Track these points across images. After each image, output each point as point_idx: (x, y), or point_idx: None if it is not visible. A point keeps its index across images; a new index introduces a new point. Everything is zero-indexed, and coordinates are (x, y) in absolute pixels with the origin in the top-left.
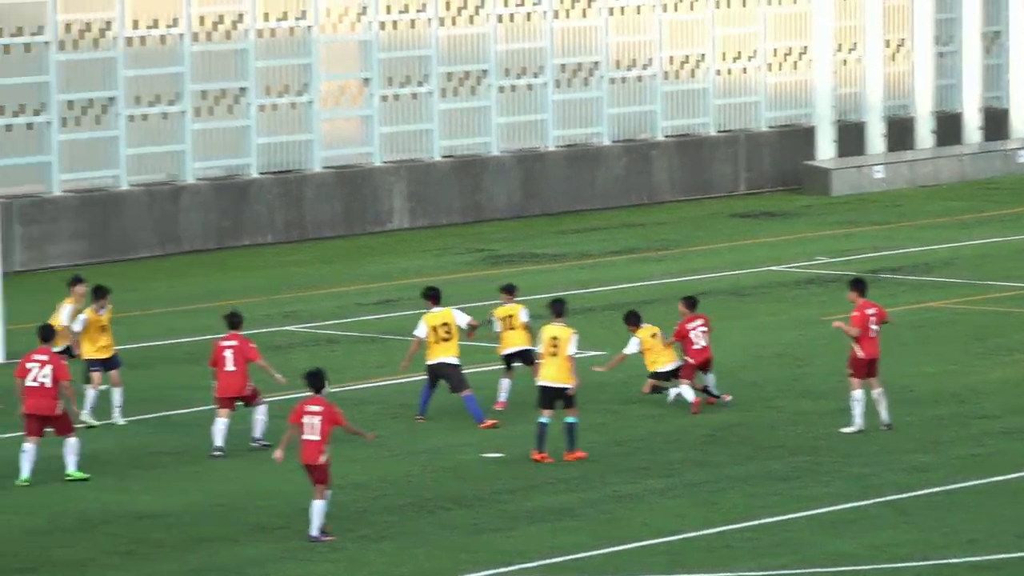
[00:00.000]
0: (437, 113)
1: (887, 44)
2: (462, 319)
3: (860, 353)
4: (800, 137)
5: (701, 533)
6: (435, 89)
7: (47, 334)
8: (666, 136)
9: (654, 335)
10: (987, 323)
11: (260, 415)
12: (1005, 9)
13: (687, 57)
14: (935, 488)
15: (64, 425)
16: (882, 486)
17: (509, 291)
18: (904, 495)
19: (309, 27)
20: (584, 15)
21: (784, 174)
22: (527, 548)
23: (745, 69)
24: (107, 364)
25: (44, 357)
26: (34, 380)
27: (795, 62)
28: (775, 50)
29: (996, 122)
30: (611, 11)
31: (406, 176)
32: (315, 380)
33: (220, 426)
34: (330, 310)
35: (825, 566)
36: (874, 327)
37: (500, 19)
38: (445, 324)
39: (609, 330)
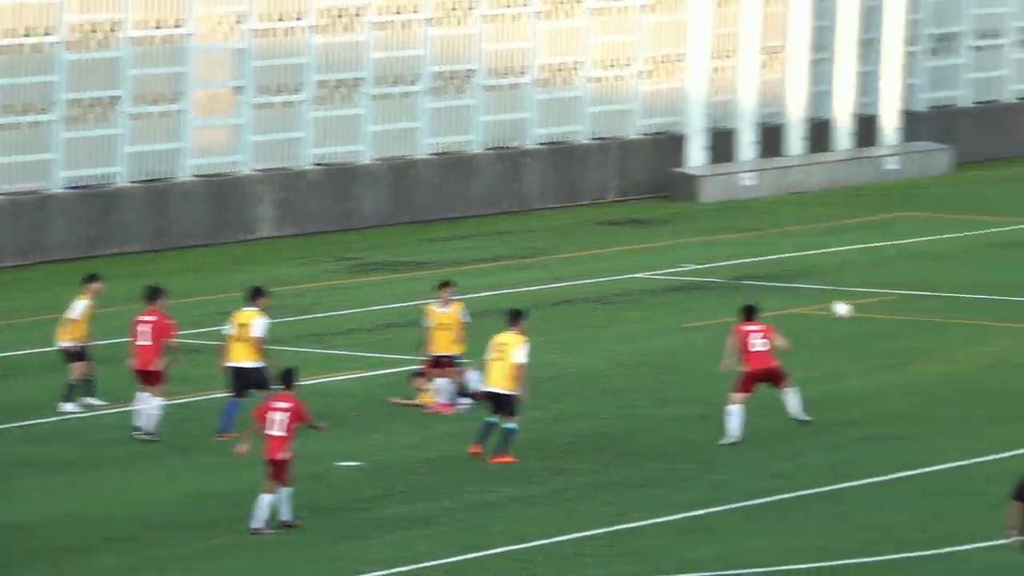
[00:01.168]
0: (310, 121)
1: (762, 51)
2: (260, 328)
3: None
4: (672, 144)
5: (555, 540)
6: (309, 97)
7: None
8: (539, 144)
9: None
10: (851, 330)
11: (153, 408)
12: (880, 15)
13: (562, 65)
14: (790, 494)
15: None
16: (738, 493)
17: (447, 286)
18: (759, 501)
19: (185, 35)
20: (461, 23)
21: (655, 181)
22: (381, 557)
23: (620, 77)
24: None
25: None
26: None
27: (670, 69)
28: (650, 58)
29: (866, 129)
30: (487, 19)
31: (276, 184)
32: (287, 377)
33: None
34: (192, 319)
35: (677, 573)
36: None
37: (377, 27)
38: (244, 325)
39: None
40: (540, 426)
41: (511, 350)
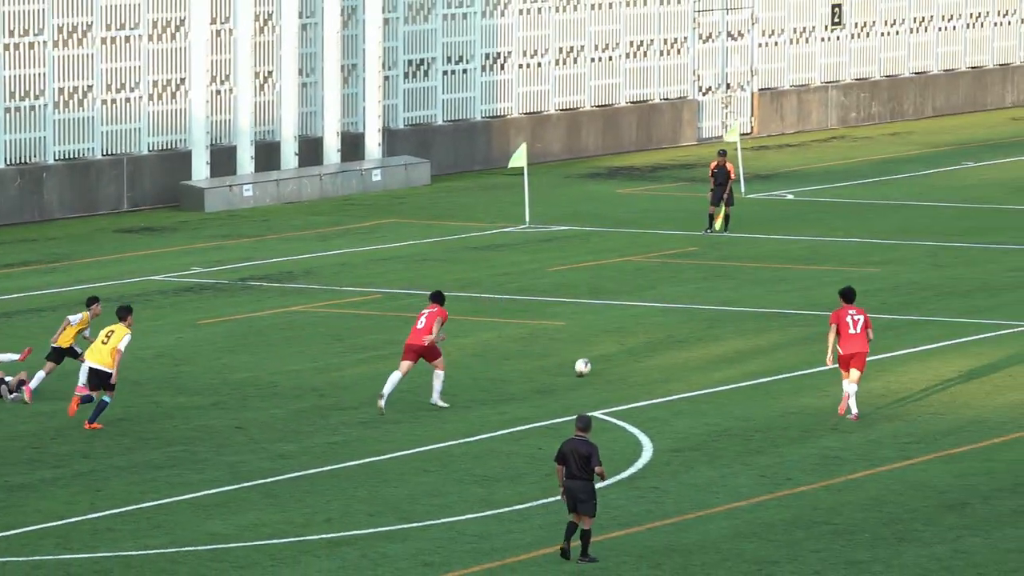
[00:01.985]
0: None
1: (257, 76)
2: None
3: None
4: (178, 159)
5: (87, 517)
6: None
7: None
8: (57, 160)
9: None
10: (345, 325)
11: None
12: (361, 43)
13: (75, 88)
14: (298, 473)
15: None
16: (251, 472)
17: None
18: (270, 479)
19: None
20: None
21: (164, 193)
22: None
23: (128, 99)
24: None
25: None
26: None
27: (174, 92)
28: (155, 82)
29: (353, 145)
30: (5, 47)
31: None
32: None
33: None
34: None
35: (199, 545)
36: None
37: None
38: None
39: (8, 336)
40: (66, 414)
41: (116, 337)
